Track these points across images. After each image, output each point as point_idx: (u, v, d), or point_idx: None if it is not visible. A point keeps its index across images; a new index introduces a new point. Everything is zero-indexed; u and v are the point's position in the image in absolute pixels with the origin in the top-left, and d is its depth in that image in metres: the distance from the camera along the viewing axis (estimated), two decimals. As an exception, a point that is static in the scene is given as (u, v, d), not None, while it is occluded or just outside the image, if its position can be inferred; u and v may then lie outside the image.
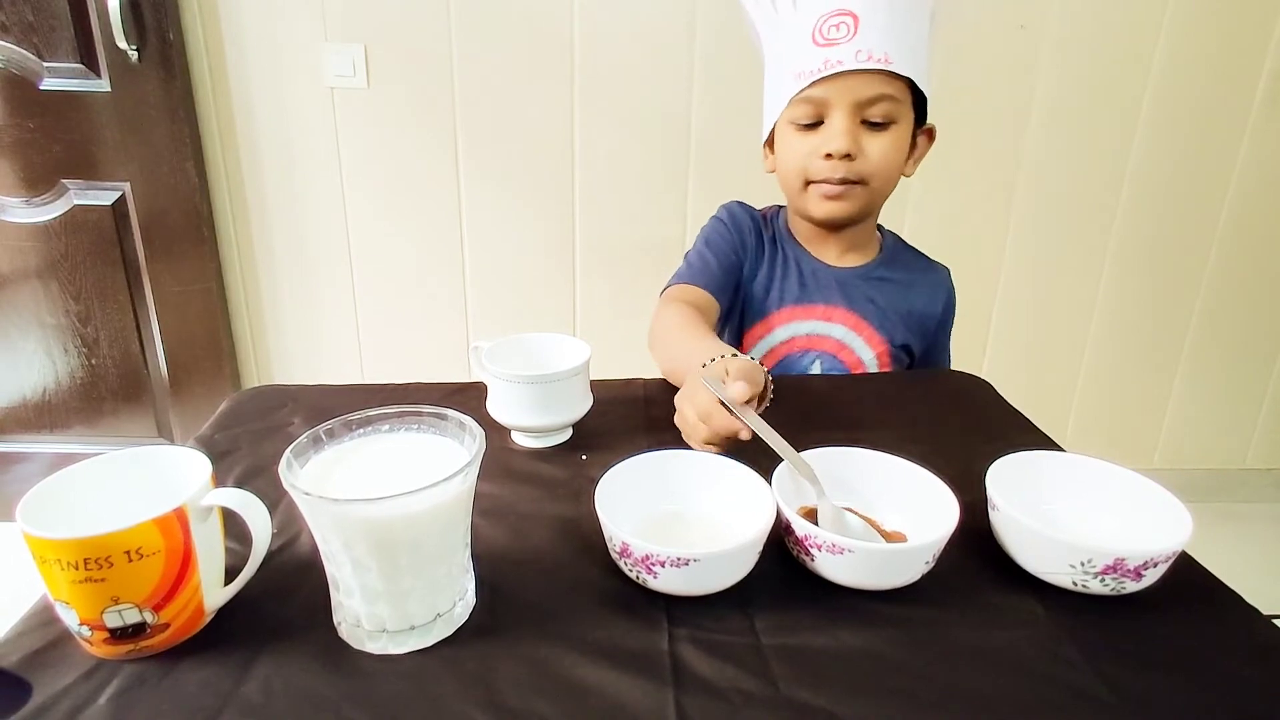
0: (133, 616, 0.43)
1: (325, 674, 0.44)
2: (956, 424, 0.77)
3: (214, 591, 0.47)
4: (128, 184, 1.64)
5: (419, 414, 0.51)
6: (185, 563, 0.44)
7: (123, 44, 1.51)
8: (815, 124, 0.88)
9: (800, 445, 0.59)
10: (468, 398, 0.76)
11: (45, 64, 1.55)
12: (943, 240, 1.81)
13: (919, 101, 0.90)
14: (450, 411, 0.50)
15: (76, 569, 0.41)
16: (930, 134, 0.96)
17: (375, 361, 1.88)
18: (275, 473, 0.44)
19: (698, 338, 0.79)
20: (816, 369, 0.96)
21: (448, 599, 0.48)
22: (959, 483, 0.57)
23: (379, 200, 1.75)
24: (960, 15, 1.62)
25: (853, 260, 0.99)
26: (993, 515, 0.55)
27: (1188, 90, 1.67)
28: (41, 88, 1.56)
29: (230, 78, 1.64)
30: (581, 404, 0.71)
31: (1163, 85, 1.66)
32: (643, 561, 0.48)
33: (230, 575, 0.49)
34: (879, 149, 0.87)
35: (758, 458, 0.58)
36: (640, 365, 0.89)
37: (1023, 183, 1.75)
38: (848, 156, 0.86)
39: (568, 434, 0.72)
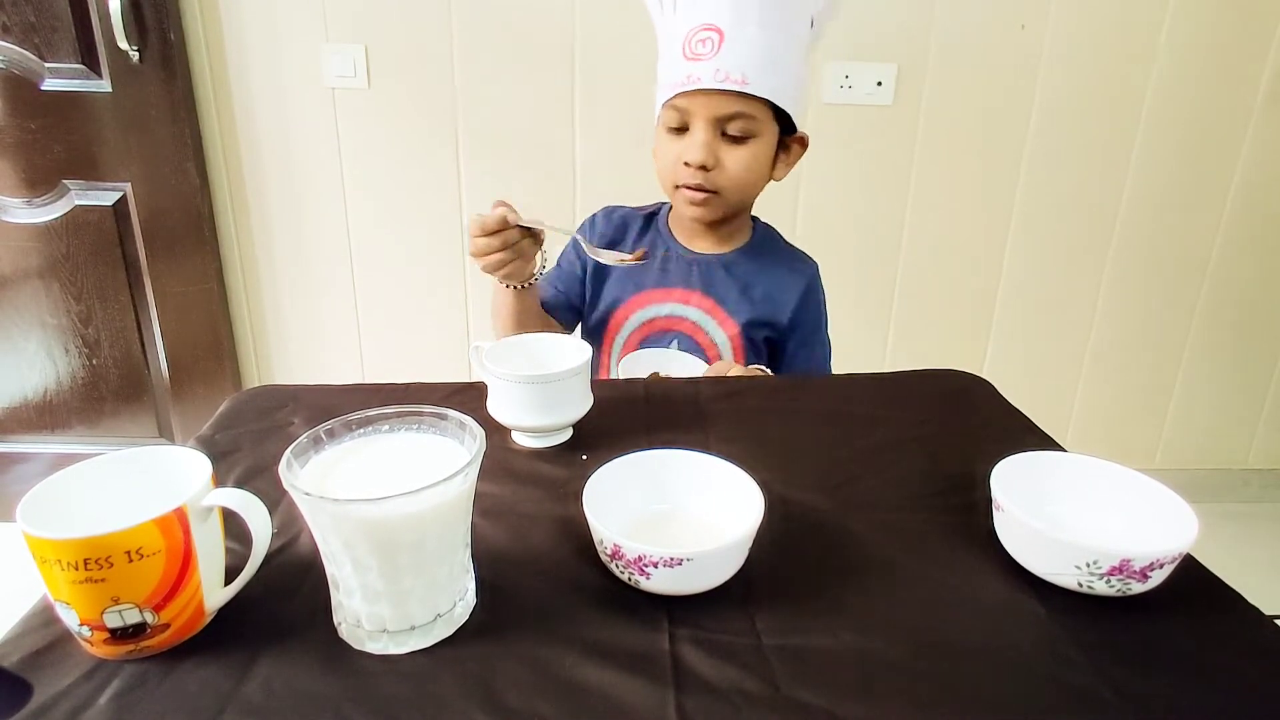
0: (133, 617, 0.43)
1: (325, 674, 0.44)
2: (956, 424, 0.77)
3: (214, 592, 0.47)
4: (129, 184, 1.65)
5: (419, 414, 0.51)
6: (185, 563, 0.44)
7: (124, 44, 1.51)
8: (682, 128, 0.93)
9: (800, 444, 0.59)
10: (468, 398, 0.76)
11: (46, 64, 1.55)
12: (943, 240, 1.82)
13: (785, 114, 0.93)
14: (451, 411, 0.50)
15: (76, 569, 0.41)
16: (803, 141, 0.99)
17: (375, 361, 1.88)
18: (275, 473, 0.44)
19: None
20: (674, 348, 1.02)
21: (448, 599, 0.48)
22: (959, 483, 0.57)
23: (379, 200, 1.75)
24: (960, 15, 1.62)
25: (720, 249, 1.05)
26: (996, 516, 0.55)
27: (1189, 90, 1.67)
28: (43, 88, 1.56)
29: (231, 78, 1.64)
30: (581, 404, 0.71)
31: (1164, 85, 1.66)
32: (635, 563, 0.48)
33: (230, 575, 0.49)
34: (735, 161, 0.92)
35: (749, 459, 0.58)
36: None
37: (1023, 182, 1.75)
38: (703, 168, 0.91)
39: (568, 434, 0.72)
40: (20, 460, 1.85)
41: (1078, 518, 0.56)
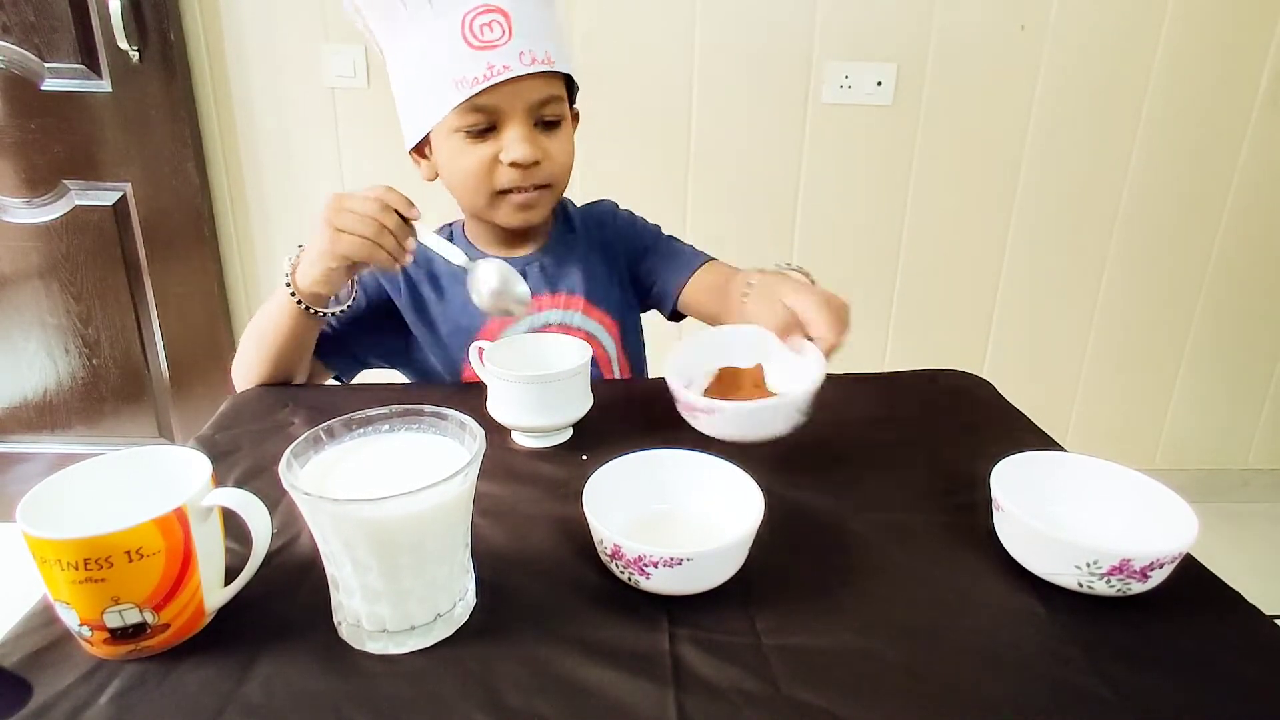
0: (133, 617, 0.43)
1: (326, 674, 0.44)
2: (956, 424, 0.77)
3: (214, 592, 0.47)
4: (129, 184, 1.65)
5: (419, 414, 0.51)
6: (185, 563, 0.44)
7: (124, 44, 1.51)
8: (487, 129, 0.81)
9: (799, 444, 0.59)
10: (468, 398, 0.76)
11: (46, 64, 1.55)
12: (943, 240, 1.82)
13: (571, 96, 0.88)
14: (450, 411, 0.50)
15: (76, 569, 0.41)
16: (575, 116, 0.92)
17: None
18: (275, 473, 0.44)
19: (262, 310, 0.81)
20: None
21: (448, 599, 0.48)
22: (959, 483, 0.57)
23: (380, 200, 1.74)
24: (960, 15, 1.62)
25: (533, 247, 0.94)
26: (997, 516, 0.55)
27: (1189, 90, 1.67)
28: (43, 88, 1.56)
29: (231, 78, 1.64)
30: (581, 404, 0.71)
31: (1164, 85, 1.66)
32: (635, 563, 0.48)
33: (230, 575, 0.49)
34: (559, 149, 0.85)
35: (746, 458, 0.58)
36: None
37: (1023, 182, 1.75)
38: (535, 164, 0.82)
39: (568, 434, 0.72)
40: (20, 460, 1.85)
41: (1078, 518, 0.56)
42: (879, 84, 1.65)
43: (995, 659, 0.46)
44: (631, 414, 0.76)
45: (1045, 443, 0.72)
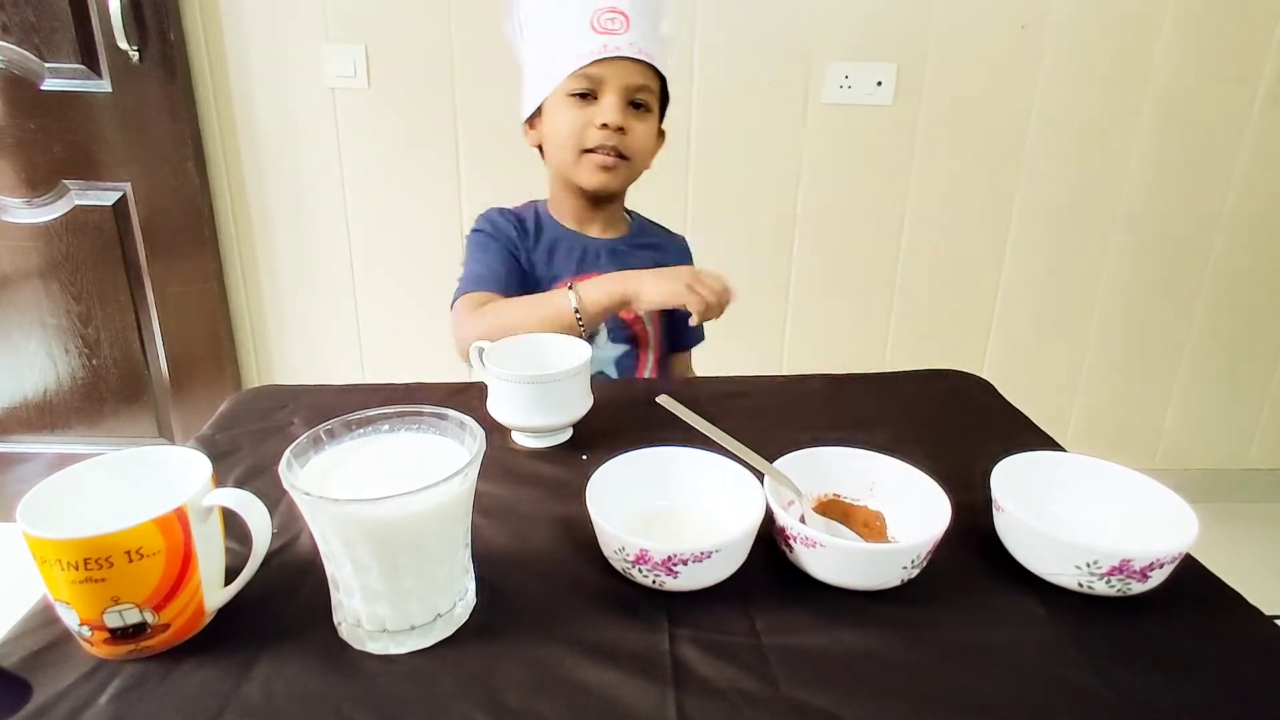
0: (133, 617, 0.43)
1: (326, 674, 0.44)
2: (956, 424, 0.77)
3: (214, 592, 0.47)
4: (129, 184, 1.65)
5: (419, 414, 0.51)
6: (185, 563, 0.44)
7: (124, 44, 1.51)
8: (587, 96, 0.96)
9: (799, 445, 0.59)
10: (468, 398, 0.76)
11: (46, 64, 1.55)
12: (943, 240, 1.82)
13: (661, 105, 1.03)
14: (451, 411, 0.50)
15: (76, 569, 0.41)
16: (663, 135, 1.06)
17: (375, 361, 1.88)
18: (275, 473, 0.44)
19: (527, 301, 0.93)
20: (604, 335, 1.04)
21: (448, 599, 0.48)
22: (959, 483, 0.57)
23: (379, 200, 1.75)
24: (960, 15, 1.62)
25: (613, 234, 1.09)
26: (997, 517, 0.55)
27: (1189, 90, 1.67)
28: (43, 88, 1.56)
29: (231, 78, 1.64)
30: (581, 404, 0.71)
31: (1164, 85, 1.66)
32: (664, 564, 0.48)
33: (230, 575, 0.49)
34: (642, 130, 0.99)
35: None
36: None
37: (1023, 182, 1.75)
38: (620, 130, 0.96)
39: (568, 434, 0.72)
40: (20, 460, 1.85)
41: (1078, 518, 0.56)
42: (879, 84, 1.65)
43: (996, 659, 0.46)
44: (631, 414, 0.76)
45: (1045, 443, 0.72)
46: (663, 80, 1.00)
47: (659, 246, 1.12)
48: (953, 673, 0.45)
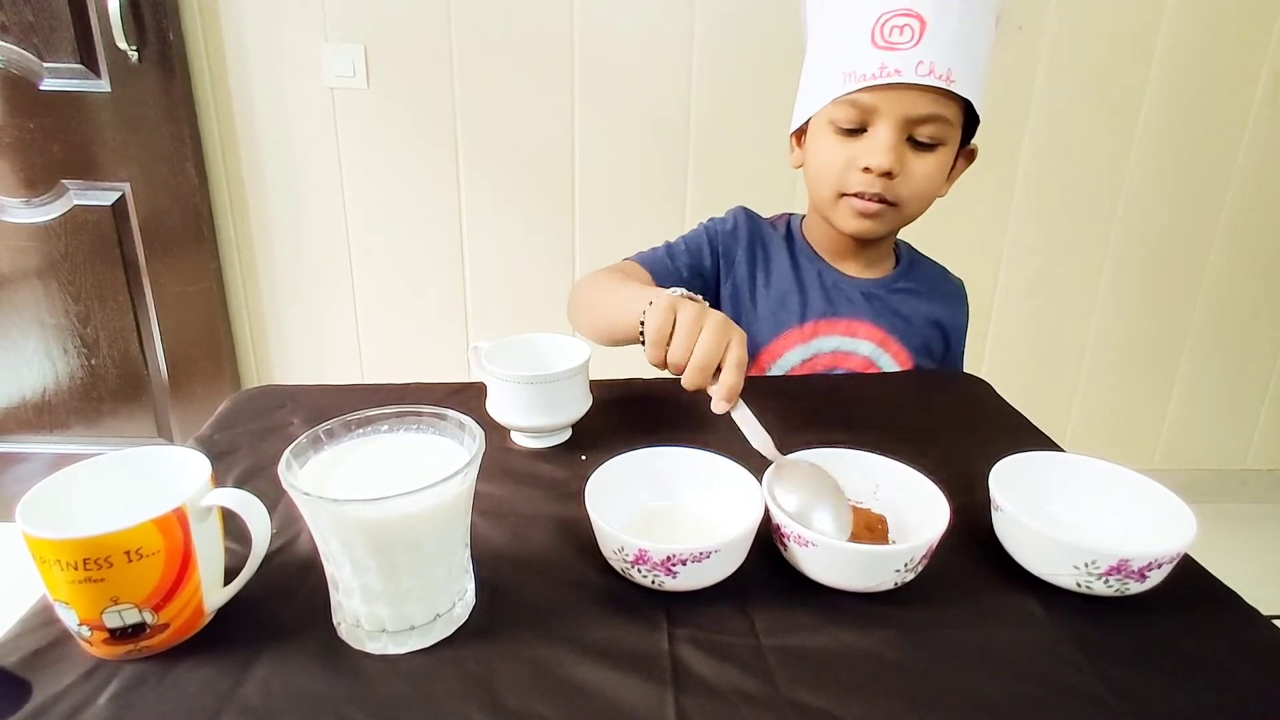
0: (132, 617, 0.43)
1: (325, 674, 0.44)
2: (956, 424, 0.77)
3: (214, 592, 0.47)
4: (128, 184, 1.64)
5: (419, 414, 0.51)
6: (185, 563, 0.44)
7: (123, 44, 1.51)
8: (856, 130, 0.80)
9: (799, 445, 0.59)
10: (467, 398, 0.76)
11: (45, 64, 1.55)
12: (943, 240, 1.82)
13: (968, 122, 0.84)
14: (450, 411, 0.50)
15: (76, 569, 0.41)
16: (971, 155, 0.90)
17: (375, 361, 1.88)
18: (275, 473, 0.44)
19: (641, 286, 0.74)
20: None
21: (447, 599, 0.48)
22: (958, 483, 0.57)
23: (379, 200, 1.75)
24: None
25: (873, 273, 0.94)
26: (995, 517, 0.55)
27: (1188, 90, 1.67)
28: (41, 88, 1.56)
29: (230, 78, 1.64)
30: (581, 404, 0.71)
31: (1162, 85, 1.66)
32: (663, 564, 0.48)
33: (230, 575, 0.48)
34: (921, 171, 0.80)
35: (746, 458, 0.58)
36: (640, 366, 0.89)
37: (1022, 182, 1.75)
38: (888, 175, 0.79)
39: (567, 434, 0.72)
40: (20, 460, 1.85)
41: (1076, 518, 0.56)
42: (878, 84, 1.65)
43: (995, 659, 0.46)
44: (631, 414, 0.76)
45: (1044, 443, 0.72)
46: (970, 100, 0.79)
47: (926, 291, 0.94)
48: (952, 673, 0.45)
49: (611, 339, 0.77)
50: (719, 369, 0.57)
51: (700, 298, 0.63)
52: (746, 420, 0.59)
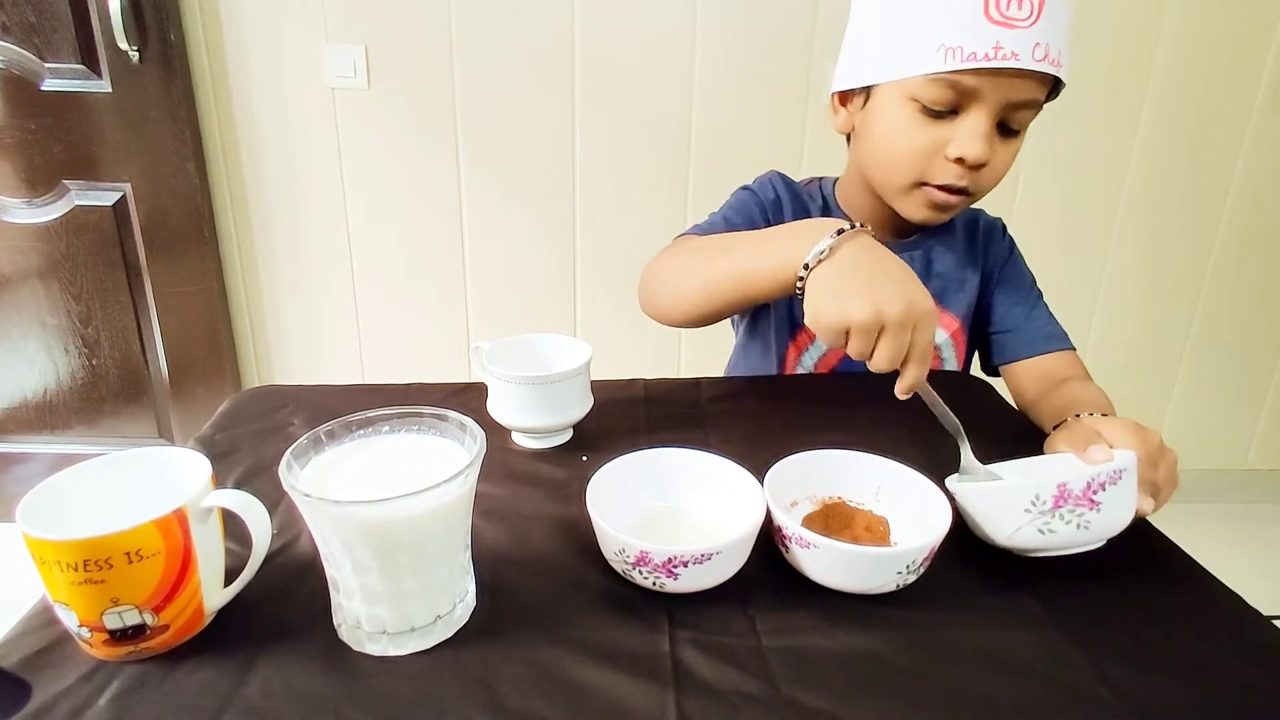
0: (133, 618, 0.43)
1: (325, 676, 0.44)
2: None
3: (214, 593, 0.47)
4: (129, 184, 1.65)
5: (419, 415, 0.51)
6: (185, 564, 0.44)
7: (124, 45, 1.51)
8: (947, 112, 0.70)
9: (800, 446, 0.59)
10: (468, 398, 0.76)
11: (46, 65, 1.55)
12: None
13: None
14: (451, 412, 0.50)
15: (76, 570, 0.41)
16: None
17: (376, 362, 1.88)
18: (275, 473, 0.44)
19: (754, 234, 0.67)
20: None
21: (448, 600, 0.48)
22: (959, 484, 0.57)
23: (379, 201, 1.75)
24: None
25: (904, 236, 0.88)
26: (958, 504, 0.55)
27: (1189, 91, 1.67)
28: (42, 88, 1.56)
29: (231, 79, 1.64)
30: (582, 405, 0.71)
31: (1164, 86, 1.66)
32: (664, 566, 0.48)
33: (230, 576, 0.48)
34: (1003, 160, 0.73)
35: (749, 458, 0.58)
36: (640, 366, 0.89)
37: (1022, 182, 1.75)
38: (981, 167, 0.71)
39: (568, 435, 0.72)
40: (20, 460, 1.85)
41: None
42: (879, 84, 1.65)
43: (993, 659, 0.46)
44: (631, 414, 0.76)
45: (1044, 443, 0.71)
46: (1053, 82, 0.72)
47: (956, 244, 0.87)
48: (953, 674, 0.45)
49: (742, 297, 0.67)
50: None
51: (868, 227, 0.57)
52: (934, 404, 0.60)
